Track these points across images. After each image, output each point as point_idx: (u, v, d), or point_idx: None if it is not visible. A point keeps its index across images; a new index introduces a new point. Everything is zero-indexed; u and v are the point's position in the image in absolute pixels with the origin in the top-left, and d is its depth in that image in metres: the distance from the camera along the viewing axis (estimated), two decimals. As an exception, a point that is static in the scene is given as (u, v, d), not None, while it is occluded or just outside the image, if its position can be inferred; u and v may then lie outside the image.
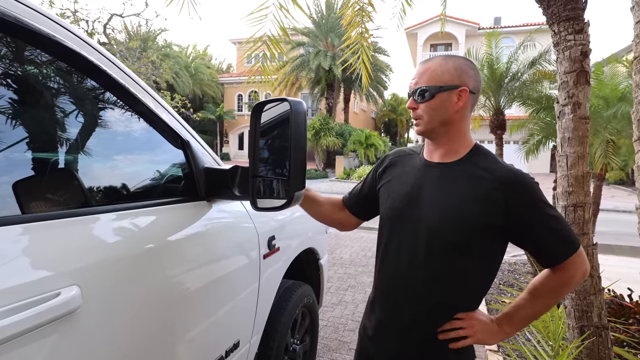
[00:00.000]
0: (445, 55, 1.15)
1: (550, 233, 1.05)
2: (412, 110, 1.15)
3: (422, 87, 1.10)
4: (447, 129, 1.13)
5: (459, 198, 1.07)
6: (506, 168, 1.08)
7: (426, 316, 1.13)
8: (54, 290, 0.78)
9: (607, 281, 3.18)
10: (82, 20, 13.59)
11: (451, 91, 1.09)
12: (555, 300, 1.13)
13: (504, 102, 5.70)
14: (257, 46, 3.11)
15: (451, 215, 1.07)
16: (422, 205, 1.12)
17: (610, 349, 1.84)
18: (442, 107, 1.10)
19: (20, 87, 0.92)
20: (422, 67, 1.13)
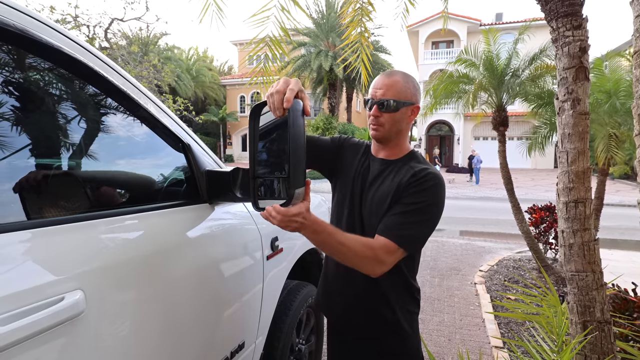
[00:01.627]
0: (404, 72, 1.33)
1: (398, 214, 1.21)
2: (373, 117, 1.30)
3: (391, 99, 1.27)
4: (398, 136, 1.34)
5: (386, 186, 1.29)
6: (424, 167, 1.28)
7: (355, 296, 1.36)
8: (58, 294, 0.79)
9: (612, 276, 3.18)
10: (84, 25, 13.65)
11: (409, 107, 1.30)
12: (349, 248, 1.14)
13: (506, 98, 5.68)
14: (259, 48, 3.13)
15: (379, 202, 1.28)
16: (365, 193, 1.34)
17: (613, 344, 1.83)
18: (401, 120, 1.30)
19: (24, 94, 0.94)
20: (388, 79, 1.29)
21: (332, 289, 1.46)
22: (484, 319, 3.77)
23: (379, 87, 1.29)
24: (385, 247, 1.17)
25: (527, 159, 6.82)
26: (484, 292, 4.50)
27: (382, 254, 1.16)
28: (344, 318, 1.42)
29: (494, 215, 10.43)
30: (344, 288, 1.40)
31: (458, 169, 25.45)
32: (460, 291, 4.56)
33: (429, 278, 5.03)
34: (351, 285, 1.36)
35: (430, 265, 5.64)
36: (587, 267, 1.84)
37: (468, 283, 4.85)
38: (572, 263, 1.88)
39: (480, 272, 5.25)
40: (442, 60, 25.68)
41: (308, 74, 23.31)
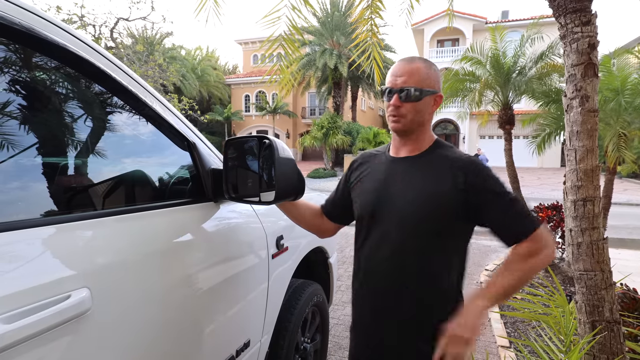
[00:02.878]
0: (423, 58, 1.20)
1: (510, 211, 1.11)
2: (393, 107, 1.17)
3: (413, 87, 1.14)
4: (420, 128, 1.20)
5: (425, 186, 1.14)
6: (463, 154, 1.17)
7: (409, 305, 1.17)
8: (65, 292, 0.79)
9: (620, 275, 3.15)
10: (89, 25, 13.72)
11: (431, 95, 1.18)
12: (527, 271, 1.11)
13: (512, 96, 5.64)
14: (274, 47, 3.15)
15: (421, 201, 1.13)
16: (392, 199, 1.18)
17: (622, 344, 1.81)
18: (424, 110, 1.17)
19: (31, 92, 0.94)
20: (408, 66, 1.17)
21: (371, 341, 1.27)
22: (490, 318, 3.74)
23: (399, 74, 1.16)
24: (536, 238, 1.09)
25: (533, 157, 6.78)
26: (490, 291, 4.47)
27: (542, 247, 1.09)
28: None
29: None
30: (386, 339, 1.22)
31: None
32: (466, 290, 4.53)
33: (434, 277, 5.00)
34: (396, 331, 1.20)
35: (436, 264, 5.60)
36: (596, 266, 1.82)
37: (474, 282, 4.83)
38: (581, 262, 1.86)
39: (486, 272, 5.22)
40: (447, 58, 25.58)
41: (313, 72, 23.31)
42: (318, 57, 22.25)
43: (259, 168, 1.38)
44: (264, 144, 1.35)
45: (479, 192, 1.10)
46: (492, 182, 1.12)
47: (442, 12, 26.57)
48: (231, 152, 1.40)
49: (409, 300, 1.17)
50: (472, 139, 27.47)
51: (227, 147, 1.39)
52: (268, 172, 1.33)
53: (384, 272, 1.20)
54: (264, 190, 1.34)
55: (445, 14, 4.22)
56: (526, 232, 1.09)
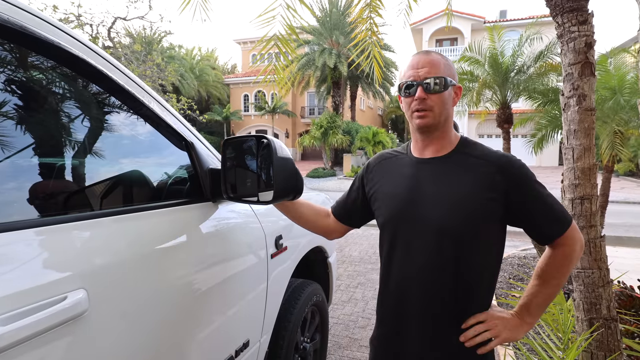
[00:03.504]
0: (438, 52, 1.16)
1: (544, 210, 1.08)
2: (418, 101, 1.09)
3: (439, 76, 1.08)
4: (446, 123, 1.13)
5: (461, 188, 1.07)
6: (498, 153, 1.11)
7: (449, 318, 1.11)
8: (61, 294, 0.78)
9: (617, 273, 3.16)
10: (87, 24, 13.68)
11: (453, 87, 1.12)
12: (563, 277, 1.13)
13: (510, 95, 5.66)
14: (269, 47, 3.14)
15: (457, 207, 1.06)
16: (425, 203, 1.10)
17: (619, 341, 1.82)
18: (448, 102, 1.11)
19: (26, 93, 0.94)
20: (427, 57, 1.11)
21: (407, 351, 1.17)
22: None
23: (420, 65, 1.09)
24: (570, 236, 1.08)
25: (531, 156, 6.78)
26: (489, 290, 4.48)
27: (576, 244, 1.09)
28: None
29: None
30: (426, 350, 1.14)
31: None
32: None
33: (433, 276, 5.01)
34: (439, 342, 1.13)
35: (435, 263, 5.61)
36: (593, 264, 1.83)
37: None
38: (578, 260, 1.87)
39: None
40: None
41: (312, 72, 23.30)
42: (317, 56, 22.24)
43: (257, 168, 1.38)
44: (262, 143, 1.35)
45: (518, 192, 1.06)
46: (529, 181, 1.08)
47: (441, 11, 26.60)
48: (229, 151, 1.40)
49: (445, 306, 1.11)
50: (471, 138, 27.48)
51: (225, 147, 1.39)
52: (266, 171, 1.33)
53: (419, 279, 1.12)
54: (262, 189, 1.34)
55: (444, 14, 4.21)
56: (560, 232, 1.08)
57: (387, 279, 1.21)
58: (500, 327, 1.10)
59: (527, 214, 1.09)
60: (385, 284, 1.21)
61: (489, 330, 1.09)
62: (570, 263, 1.11)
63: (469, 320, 1.09)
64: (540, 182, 1.10)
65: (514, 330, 1.11)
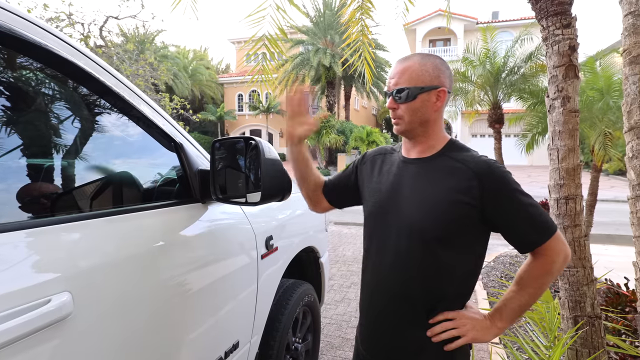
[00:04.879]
0: (423, 54, 1.15)
1: (524, 218, 1.06)
2: (391, 110, 1.15)
3: (403, 87, 1.11)
4: (425, 127, 1.15)
5: (436, 190, 1.09)
6: (479, 159, 1.10)
7: (415, 315, 1.13)
8: (45, 297, 0.78)
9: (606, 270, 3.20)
10: (78, 23, 13.56)
11: (430, 92, 1.11)
12: (540, 288, 1.11)
13: (501, 96, 5.71)
14: (257, 47, 3.14)
15: (430, 209, 1.08)
16: (402, 201, 1.13)
17: (603, 338, 1.86)
18: (423, 108, 1.12)
19: (15, 95, 0.94)
20: (400, 66, 1.13)
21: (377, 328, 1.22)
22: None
23: (392, 76, 1.14)
24: (552, 246, 1.06)
25: (523, 155, 6.85)
26: (481, 288, 4.52)
27: (557, 256, 1.07)
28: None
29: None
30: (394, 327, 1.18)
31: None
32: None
33: (425, 275, 5.03)
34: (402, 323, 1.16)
35: (427, 262, 5.64)
36: (578, 263, 1.86)
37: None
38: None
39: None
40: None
41: (307, 72, 23.28)
42: (312, 56, 22.23)
43: (245, 169, 1.39)
44: (250, 144, 1.36)
45: (494, 198, 1.05)
46: (508, 188, 1.06)
47: (434, 12, 26.69)
48: (218, 152, 1.41)
49: (411, 307, 1.13)
50: (464, 138, 27.62)
51: (214, 148, 1.41)
52: (254, 172, 1.34)
53: (389, 275, 1.16)
54: (251, 191, 1.35)
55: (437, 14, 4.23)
56: (539, 241, 1.07)
57: (364, 272, 1.26)
58: (468, 326, 1.10)
59: (504, 221, 1.08)
60: (363, 277, 1.27)
61: (456, 328, 1.10)
62: (548, 274, 1.09)
63: (438, 317, 1.11)
64: (523, 190, 1.08)
65: (482, 331, 1.11)
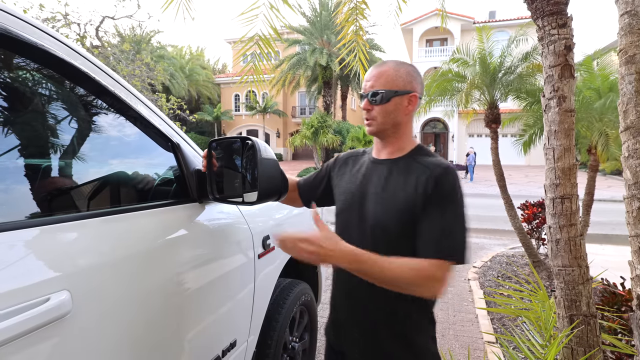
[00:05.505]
0: (397, 61, 1.23)
1: (436, 227, 1.07)
2: (366, 111, 1.22)
3: (378, 90, 1.18)
4: (396, 130, 1.22)
5: (397, 189, 1.15)
6: (439, 162, 1.15)
7: (383, 310, 1.18)
8: (44, 295, 0.78)
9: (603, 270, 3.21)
10: (74, 23, 13.51)
11: (403, 96, 1.18)
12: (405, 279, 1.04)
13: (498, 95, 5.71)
14: (249, 46, 3.13)
15: (392, 207, 1.14)
16: (369, 200, 1.20)
17: (598, 337, 1.87)
18: (396, 111, 1.19)
19: (12, 95, 0.94)
20: (376, 70, 1.21)
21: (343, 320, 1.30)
22: (477, 314, 3.80)
23: (367, 78, 1.22)
24: (438, 265, 1.04)
25: (521, 155, 6.87)
26: (478, 288, 4.54)
27: (438, 272, 1.04)
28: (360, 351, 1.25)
29: (489, 212, 10.49)
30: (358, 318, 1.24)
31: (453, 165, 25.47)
32: (454, 287, 4.60)
33: (422, 275, 5.05)
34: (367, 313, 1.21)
35: (424, 262, 5.65)
36: (573, 262, 1.87)
37: (462, 279, 4.89)
38: (559, 258, 1.92)
39: (473, 269, 5.29)
40: (436, 58, 25.74)
41: (303, 71, 23.31)
42: (308, 56, 22.25)
43: (242, 169, 1.39)
44: (247, 144, 1.36)
45: (431, 197, 1.09)
46: (446, 195, 1.09)
47: (431, 12, 26.74)
48: (215, 153, 1.41)
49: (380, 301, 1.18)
50: (461, 138, 27.70)
51: (211, 148, 1.41)
52: (251, 172, 1.35)
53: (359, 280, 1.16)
54: (248, 190, 1.35)
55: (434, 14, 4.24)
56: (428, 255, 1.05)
57: (335, 269, 1.30)
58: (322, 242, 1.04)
59: (422, 220, 1.10)
60: (334, 274, 1.33)
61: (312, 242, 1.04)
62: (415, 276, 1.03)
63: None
64: (461, 208, 1.10)
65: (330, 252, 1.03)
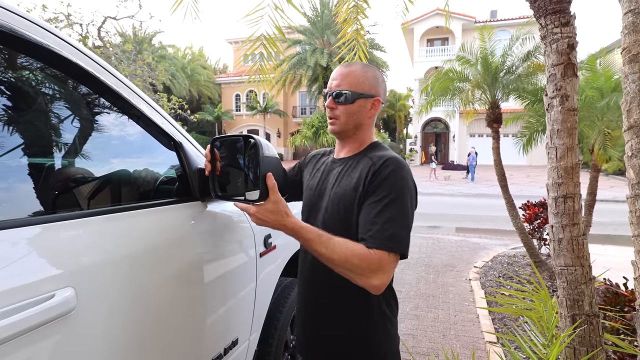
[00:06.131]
0: (365, 64, 1.24)
1: (374, 216, 1.07)
2: (329, 110, 1.23)
3: (344, 90, 1.19)
4: (357, 131, 1.25)
5: (344, 184, 1.19)
6: (384, 155, 1.16)
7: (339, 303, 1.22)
8: (49, 292, 0.79)
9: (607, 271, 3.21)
10: (76, 24, 13.55)
11: (367, 99, 1.21)
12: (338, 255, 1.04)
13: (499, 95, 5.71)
14: (255, 46, 3.14)
15: (339, 202, 1.18)
16: (324, 197, 1.25)
17: (601, 336, 1.86)
18: (358, 112, 1.21)
19: (16, 94, 0.95)
20: (344, 70, 1.22)
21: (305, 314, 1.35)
22: (478, 314, 3.80)
23: (334, 77, 1.22)
24: (379, 262, 1.02)
25: (522, 155, 6.86)
26: (479, 288, 4.54)
27: (370, 262, 1.02)
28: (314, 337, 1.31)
29: (490, 212, 10.49)
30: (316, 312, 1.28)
31: (454, 166, 25.55)
32: (455, 287, 4.59)
33: (424, 275, 5.06)
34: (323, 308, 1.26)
35: (426, 262, 5.67)
36: (576, 262, 1.87)
37: (463, 279, 4.89)
38: (562, 257, 1.91)
39: (475, 269, 5.29)
40: (437, 57, 25.73)
41: (304, 71, 23.32)
42: (309, 56, 22.27)
43: (244, 167, 1.39)
44: (249, 143, 1.36)
45: (368, 186, 1.11)
46: (385, 185, 1.09)
47: (432, 11, 26.74)
48: (218, 151, 1.41)
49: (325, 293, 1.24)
50: (462, 137, 27.69)
51: (213, 146, 1.41)
52: (253, 170, 1.34)
53: (315, 267, 1.24)
54: (250, 189, 1.35)
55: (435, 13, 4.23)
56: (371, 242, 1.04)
57: (299, 267, 1.39)
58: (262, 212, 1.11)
59: (362, 210, 1.11)
60: (299, 272, 1.40)
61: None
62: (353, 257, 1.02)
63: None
64: (401, 199, 1.08)
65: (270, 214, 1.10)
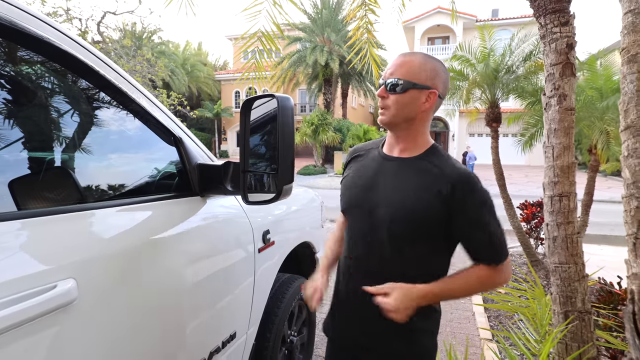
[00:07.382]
0: (427, 55, 1.16)
1: (482, 238, 1.11)
2: (380, 99, 1.17)
3: (397, 79, 1.12)
4: (409, 125, 1.17)
5: (410, 191, 1.12)
6: (458, 168, 1.13)
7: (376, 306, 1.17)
8: (51, 283, 0.80)
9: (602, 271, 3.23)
10: (75, 18, 13.50)
11: (422, 90, 1.13)
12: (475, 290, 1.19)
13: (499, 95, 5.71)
14: (251, 42, 3.14)
15: (401, 207, 1.12)
16: (378, 197, 1.18)
17: (592, 333, 1.89)
18: (410, 104, 1.13)
19: (17, 88, 0.95)
20: (401, 59, 1.15)
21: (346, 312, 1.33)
22: (474, 312, 3.82)
23: (390, 66, 1.16)
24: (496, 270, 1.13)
25: (521, 155, 6.87)
26: (476, 287, 4.55)
27: (499, 277, 1.14)
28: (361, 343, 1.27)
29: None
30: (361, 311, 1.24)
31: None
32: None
33: (421, 272, 5.06)
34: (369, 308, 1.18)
35: (423, 259, 5.67)
36: (570, 259, 1.89)
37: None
38: (556, 255, 1.93)
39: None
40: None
41: (303, 69, 23.25)
42: (308, 53, 22.19)
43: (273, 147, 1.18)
44: None
45: (461, 208, 1.09)
46: (477, 203, 1.10)
47: (433, 9, 26.71)
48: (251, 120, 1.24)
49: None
50: (462, 137, 27.69)
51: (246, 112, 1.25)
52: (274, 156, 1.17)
53: (362, 268, 1.22)
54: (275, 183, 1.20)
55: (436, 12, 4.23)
56: (494, 261, 1.13)
57: (343, 259, 1.34)
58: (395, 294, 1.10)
59: (465, 232, 1.13)
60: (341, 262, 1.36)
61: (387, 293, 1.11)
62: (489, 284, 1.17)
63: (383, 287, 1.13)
64: (493, 211, 1.12)
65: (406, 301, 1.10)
